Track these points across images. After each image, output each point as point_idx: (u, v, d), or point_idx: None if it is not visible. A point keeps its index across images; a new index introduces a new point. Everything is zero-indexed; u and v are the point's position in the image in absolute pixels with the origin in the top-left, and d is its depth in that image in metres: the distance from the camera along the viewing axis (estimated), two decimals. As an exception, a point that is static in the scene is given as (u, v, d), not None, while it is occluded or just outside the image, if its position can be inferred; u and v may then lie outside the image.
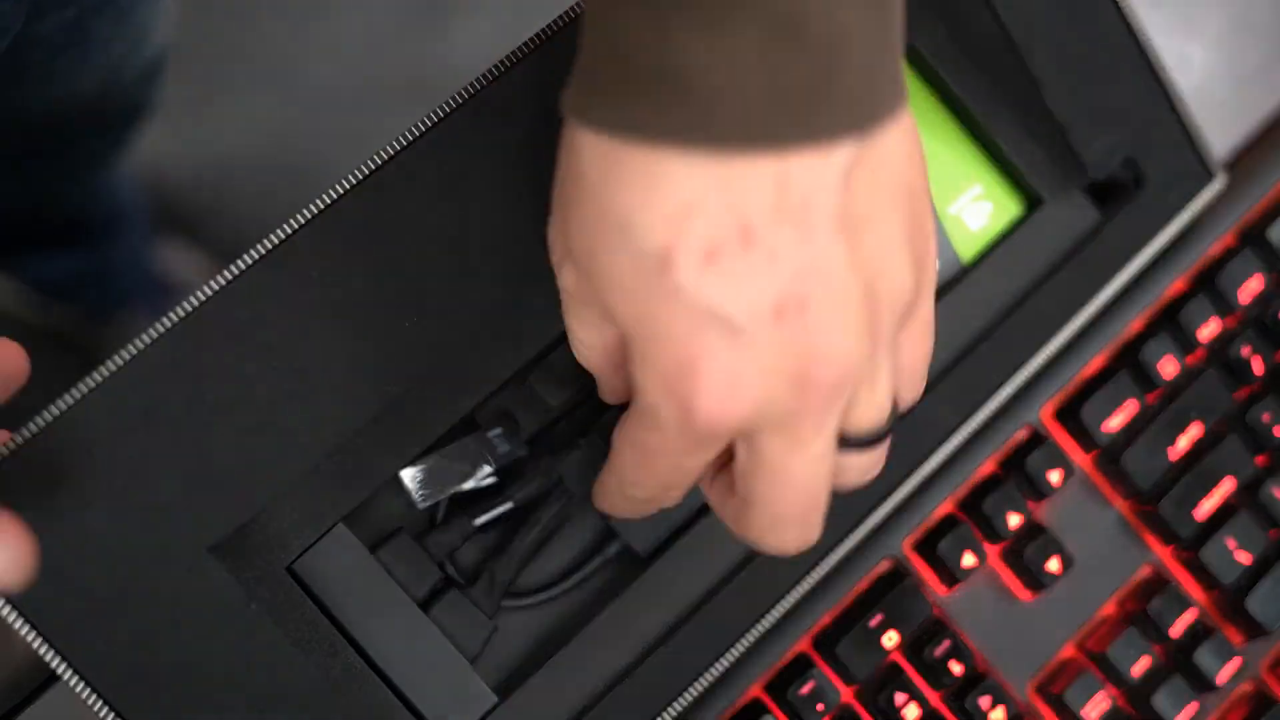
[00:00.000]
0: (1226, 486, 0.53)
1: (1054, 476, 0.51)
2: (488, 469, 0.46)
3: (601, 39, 0.36)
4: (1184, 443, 0.53)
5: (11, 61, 0.68)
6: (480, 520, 0.47)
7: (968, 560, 0.50)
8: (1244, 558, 0.52)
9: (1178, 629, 0.52)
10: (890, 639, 0.49)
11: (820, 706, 0.48)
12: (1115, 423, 0.52)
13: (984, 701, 0.50)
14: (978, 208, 0.52)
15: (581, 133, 0.36)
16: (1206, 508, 0.53)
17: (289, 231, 0.42)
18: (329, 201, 0.43)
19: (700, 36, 0.34)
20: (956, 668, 0.50)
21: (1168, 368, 0.53)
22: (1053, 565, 0.51)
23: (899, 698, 0.49)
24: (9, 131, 0.78)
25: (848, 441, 0.40)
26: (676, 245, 0.35)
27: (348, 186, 0.43)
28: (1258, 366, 0.54)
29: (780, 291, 0.36)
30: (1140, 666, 0.51)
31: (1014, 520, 0.51)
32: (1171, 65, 0.55)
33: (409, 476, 0.46)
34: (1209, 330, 0.53)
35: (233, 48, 1.17)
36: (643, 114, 0.35)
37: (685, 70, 0.34)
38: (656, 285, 0.36)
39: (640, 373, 0.38)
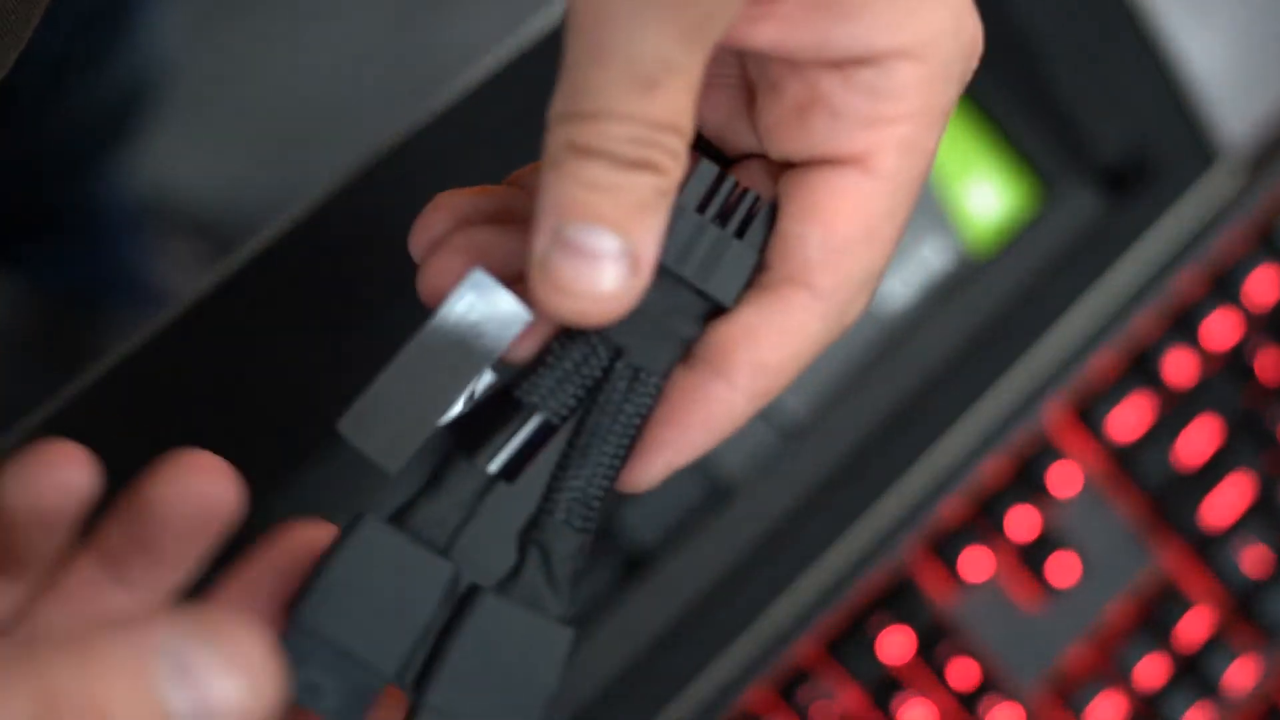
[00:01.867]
0: (1239, 489, 0.52)
1: (1064, 478, 0.51)
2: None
3: None
4: (1196, 445, 0.52)
5: (44, 81, 0.69)
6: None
7: (976, 563, 0.50)
8: (1256, 561, 0.52)
9: (1188, 633, 0.51)
10: (897, 642, 0.49)
11: (826, 710, 0.48)
12: (1126, 424, 0.52)
13: (991, 705, 0.49)
14: (986, 195, 0.52)
15: None
16: (1218, 511, 0.52)
17: (285, 229, 0.42)
18: (325, 198, 0.43)
19: None
20: (964, 671, 0.49)
21: (1180, 369, 0.52)
22: (1062, 568, 0.50)
23: (905, 701, 0.49)
24: (27, 139, 0.80)
25: None
26: None
27: (343, 184, 0.43)
28: (1271, 368, 0.53)
29: None
30: (1150, 670, 0.51)
31: (1023, 523, 0.50)
32: (1181, 54, 0.55)
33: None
34: (1222, 331, 0.53)
35: (229, 48, 1.17)
36: None
37: None
38: None
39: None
